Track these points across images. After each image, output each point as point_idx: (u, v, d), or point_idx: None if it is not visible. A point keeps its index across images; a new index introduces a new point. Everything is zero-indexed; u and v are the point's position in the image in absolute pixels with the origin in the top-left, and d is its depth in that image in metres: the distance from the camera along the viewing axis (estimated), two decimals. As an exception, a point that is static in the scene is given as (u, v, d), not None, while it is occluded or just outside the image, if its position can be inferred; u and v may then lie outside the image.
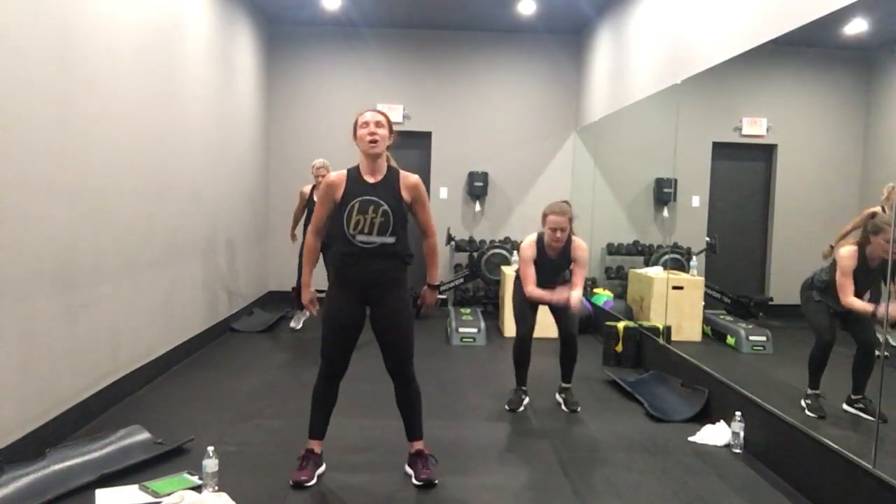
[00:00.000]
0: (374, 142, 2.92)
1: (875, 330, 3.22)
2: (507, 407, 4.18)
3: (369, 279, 3.00)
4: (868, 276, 3.27)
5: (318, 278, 6.49)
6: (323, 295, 3.17)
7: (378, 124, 2.94)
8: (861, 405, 3.30)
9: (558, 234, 3.94)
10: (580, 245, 4.07)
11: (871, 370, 3.26)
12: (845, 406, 3.39)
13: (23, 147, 3.06)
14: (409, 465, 3.15)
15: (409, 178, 3.03)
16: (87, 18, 3.60)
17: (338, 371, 3.09)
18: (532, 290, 4.05)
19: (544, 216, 3.99)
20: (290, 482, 3.00)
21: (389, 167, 3.03)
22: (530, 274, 4.08)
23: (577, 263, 4.09)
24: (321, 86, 7.99)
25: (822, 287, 3.54)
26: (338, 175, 2.99)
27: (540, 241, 4.08)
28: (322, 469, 3.14)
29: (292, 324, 6.47)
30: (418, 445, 3.16)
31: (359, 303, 3.06)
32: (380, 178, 2.98)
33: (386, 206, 2.92)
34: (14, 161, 3.00)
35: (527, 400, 4.28)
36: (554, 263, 4.10)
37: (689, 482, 3.15)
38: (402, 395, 3.13)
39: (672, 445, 3.61)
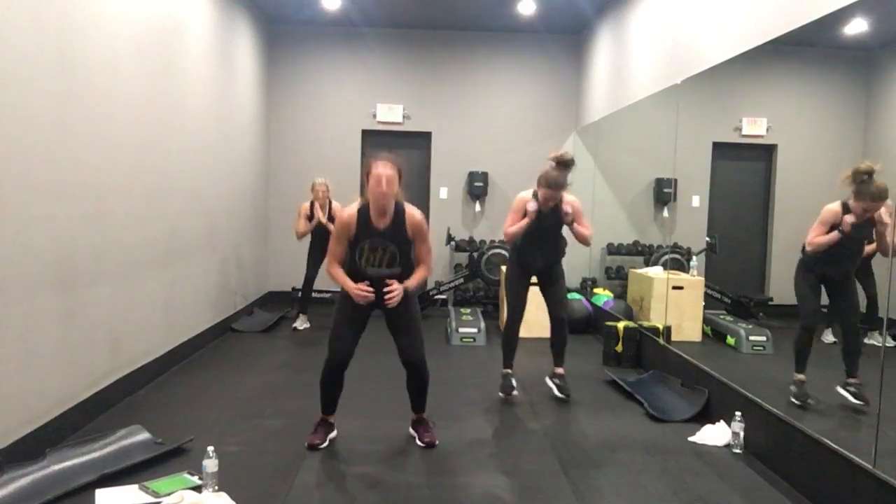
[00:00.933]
0: (384, 197, 3.16)
1: (858, 312, 3.50)
2: (500, 394, 4.27)
3: (378, 290, 3.28)
4: (854, 236, 3.44)
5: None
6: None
7: (388, 183, 3.15)
8: (853, 388, 3.44)
9: (550, 203, 4.12)
10: (572, 200, 4.19)
11: (858, 352, 3.46)
12: (839, 389, 3.50)
13: (23, 147, 3.06)
14: (413, 429, 3.58)
15: (413, 216, 3.28)
16: (87, 18, 3.60)
17: (344, 360, 3.36)
18: (512, 227, 4.17)
19: (539, 184, 4.10)
20: (305, 445, 3.37)
21: (396, 204, 3.26)
22: (516, 219, 4.19)
23: (577, 213, 4.20)
24: (321, 86, 7.99)
25: (808, 258, 3.68)
26: (349, 215, 3.26)
27: (535, 195, 4.19)
28: (334, 434, 3.51)
29: (295, 324, 6.47)
30: (420, 414, 3.59)
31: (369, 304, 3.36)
32: (388, 220, 3.25)
33: (394, 247, 3.27)
34: (14, 161, 3.00)
35: (515, 384, 4.39)
36: (546, 217, 4.18)
37: (689, 482, 3.15)
38: (413, 380, 3.48)
39: (672, 445, 3.61)
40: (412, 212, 3.30)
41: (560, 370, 4.37)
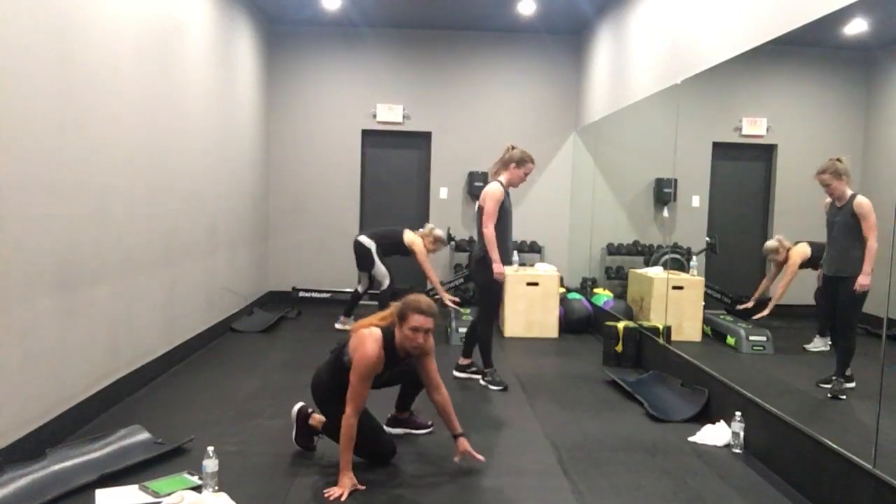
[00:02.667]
0: (419, 349, 3.11)
1: (846, 314, 3.57)
2: (501, 388, 4.55)
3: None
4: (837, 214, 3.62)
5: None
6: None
7: (427, 334, 3.09)
8: (831, 385, 3.57)
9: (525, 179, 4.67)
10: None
11: (841, 354, 3.60)
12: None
13: (23, 147, 3.06)
14: (401, 426, 3.65)
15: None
16: (87, 18, 3.60)
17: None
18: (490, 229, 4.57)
19: (523, 161, 4.62)
20: (296, 445, 3.39)
21: None
22: (495, 213, 4.61)
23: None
24: (321, 86, 7.99)
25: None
26: (376, 355, 3.02)
27: (502, 185, 4.69)
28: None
29: (338, 325, 6.42)
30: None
31: None
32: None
33: (407, 367, 3.33)
34: (14, 161, 3.00)
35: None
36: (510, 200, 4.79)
37: (689, 482, 3.15)
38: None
39: (672, 445, 3.61)
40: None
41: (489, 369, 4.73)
